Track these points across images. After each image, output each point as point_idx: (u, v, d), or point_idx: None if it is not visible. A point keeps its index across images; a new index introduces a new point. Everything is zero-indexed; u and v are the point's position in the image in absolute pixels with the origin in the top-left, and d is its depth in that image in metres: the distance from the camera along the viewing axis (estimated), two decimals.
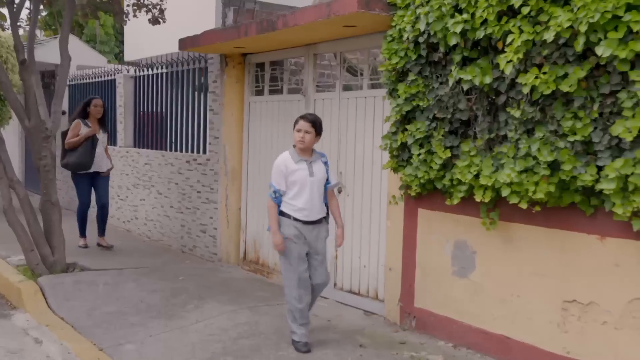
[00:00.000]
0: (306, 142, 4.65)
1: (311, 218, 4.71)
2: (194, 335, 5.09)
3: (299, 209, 4.67)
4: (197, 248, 8.25)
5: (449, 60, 4.70)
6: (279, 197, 4.72)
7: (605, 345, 3.98)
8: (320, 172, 4.73)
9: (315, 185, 4.69)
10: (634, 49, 3.49)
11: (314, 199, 4.69)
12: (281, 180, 4.70)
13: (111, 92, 10.50)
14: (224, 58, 7.61)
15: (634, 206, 3.57)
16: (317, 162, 4.76)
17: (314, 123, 4.67)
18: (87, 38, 21.72)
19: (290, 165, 4.67)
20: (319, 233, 4.79)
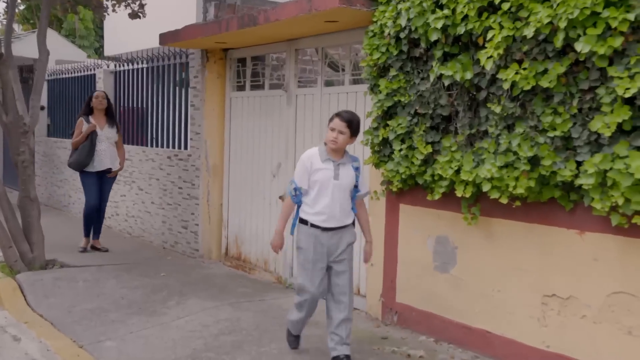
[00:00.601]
0: (339, 143, 4.17)
1: (330, 224, 4.23)
2: (175, 332, 5.07)
3: (316, 212, 4.23)
4: (179, 244, 8.21)
5: (430, 56, 4.71)
6: (298, 196, 4.29)
7: (584, 338, 4.02)
8: (348, 177, 4.26)
9: (338, 190, 4.21)
10: (612, 45, 3.51)
11: (334, 205, 4.21)
12: (304, 176, 4.26)
13: (91, 87, 10.39)
14: (205, 53, 7.57)
15: (613, 201, 3.60)
16: (347, 165, 4.28)
17: (351, 123, 4.18)
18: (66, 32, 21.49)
19: (316, 162, 4.24)
20: (342, 238, 4.28)
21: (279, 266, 6.81)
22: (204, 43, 7.11)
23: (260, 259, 7.12)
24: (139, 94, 9.21)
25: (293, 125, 6.58)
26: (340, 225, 4.26)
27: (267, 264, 7.01)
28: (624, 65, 3.52)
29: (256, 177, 7.17)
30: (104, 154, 7.79)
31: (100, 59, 10.93)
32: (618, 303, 3.84)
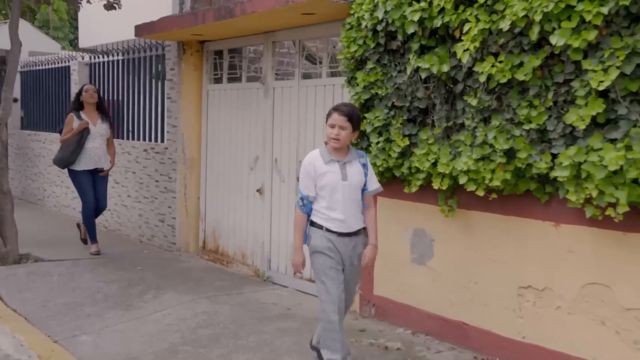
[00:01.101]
0: (341, 140, 3.81)
1: (346, 229, 3.89)
2: (152, 326, 5.03)
3: (330, 218, 3.88)
4: (156, 238, 8.15)
5: (407, 49, 4.71)
6: (307, 205, 3.92)
7: (559, 329, 4.06)
8: (357, 175, 3.91)
9: (349, 191, 3.86)
10: (586, 38, 3.54)
11: (347, 207, 3.87)
12: (310, 184, 3.90)
13: (65, 79, 10.27)
14: (182, 45, 7.50)
15: (587, 193, 3.63)
16: (353, 163, 3.92)
17: (351, 117, 3.81)
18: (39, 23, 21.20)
19: (320, 166, 3.87)
20: (356, 247, 3.96)
21: (256, 259, 6.79)
22: (180, 35, 7.05)
23: (238, 252, 7.10)
24: (114, 86, 9.11)
25: (270, 118, 6.55)
26: (354, 231, 3.93)
27: (245, 257, 6.99)
28: (598, 59, 3.55)
29: (234, 170, 7.14)
30: (96, 151, 7.32)
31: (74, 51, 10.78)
32: (592, 294, 3.88)
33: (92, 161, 7.31)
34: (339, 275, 3.91)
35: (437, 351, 4.57)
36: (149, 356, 4.41)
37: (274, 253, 6.59)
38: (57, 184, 10.48)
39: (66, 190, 10.16)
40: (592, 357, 3.89)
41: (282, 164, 6.44)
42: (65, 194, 10.20)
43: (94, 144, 7.29)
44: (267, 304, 5.69)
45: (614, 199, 3.51)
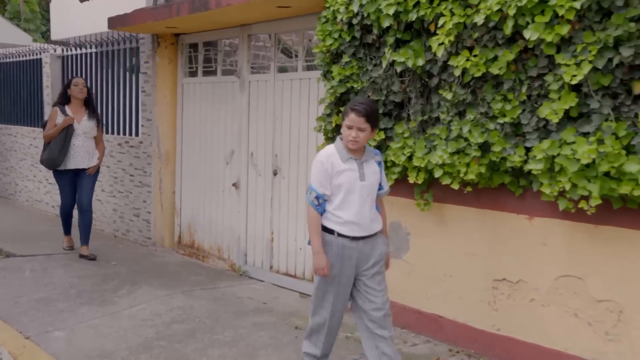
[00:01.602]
0: (360, 142, 3.52)
1: (360, 233, 3.59)
2: (127, 321, 4.99)
3: (344, 221, 3.56)
4: (131, 232, 8.08)
5: (382, 42, 4.71)
6: (322, 205, 3.60)
7: (533, 321, 4.10)
8: (374, 175, 3.63)
9: (367, 192, 3.59)
10: (559, 32, 3.57)
11: (364, 209, 3.58)
12: (326, 182, 3.57)
13: (37, 72, 10.11)
14: (156, 38, 7.43)
15: (560, 186, 3.67)
16: (370, 162, 3.64)
17: (369, 117, 3.49)
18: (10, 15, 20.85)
19: (337, 163, 3.56)
20: (374, 248, 3.64)
21: (232, 254, 6.76)
22: (154, 28, 6.98)
23: (214, 247, 7.06)
24: (88, 79, 8.97)
25: (246, 112, 6.52)
26: (370, 234, 3.63)
27: (221, 252, 6.96)
28: (570, 53, 3.58)
29: (209, 164, 7.10)
30: (79, 150, 6.83)
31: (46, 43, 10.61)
32: (565, 286, 3.93)
33: (74, 160, 6.81)
34: (346, 287, 3.63)
35: (412, 344, 4.59)
36: (124, 351, 4.37)
37: (250, 247, 6.57)
38: (29, 179, 10.33)
39: (38, 184, 10.02)
40: (564, 348, 3.93)
41: (258, 158, 6.41)
42: (38, 189, 10.06)
43: (76, 142, 6.79)
44: (243, 298, 5.68)
45: (587, 192, 3.55)
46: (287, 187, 6.09)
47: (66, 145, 6.71)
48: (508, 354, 4.23)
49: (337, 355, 4.33)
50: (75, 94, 6.85)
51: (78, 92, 6.86)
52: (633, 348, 3.63)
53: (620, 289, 3.68)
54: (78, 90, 6.86)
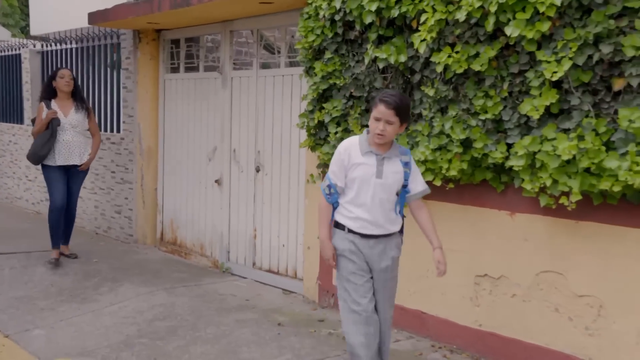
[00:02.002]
0: (387, 136, 3.32)
1: (371, 231, 3.42)
2: (108, 319, 4.96)
3: (354, 217, 3.42)
4: (112, 229, 8.02)
5: (364, 39, 4.71)
6: (334, 196, 3.47)
7: (514, 316, 4.13)
8: (395, 175, 3.41)
9: (380, 191, 3.38)
10: (540, 29, 3.58)
11: (375, 208, 3.39)
12: (340, 173, 3.43)
13: (16, 67, 10.00)
14: (137, 34, 7.37)
15: (541, 182, 3.69)
16: (394, 160, 3.42)
17: (398, 110, 3.28)
18: None
19: (355, 155, 3.40)
20: (386, 251, 3.47)
21: (215, 250, 6.74)
22: (135, 23, 6.92)
23: (197, 244, 7.03)
24: None
25: (229, 108, 6.49)
26: (384, 234, 3.45)
27: (204, 249, 6.93)
28: (551, 50, 3.60)
29: (192, 160, 7.06)
30: (69, 145, 6.42)
31: (26, 39, 10.49)
32: (546, 281, 3.95)
33: (63, 156, 6.40)
34: (366, 282, 3.45)
35: (395, 340, 4.60)
36: (105, 349, 4.34)
37: (232, 244, 6.54)
38: (8, 175, 10.22)
39: (18, 181, 9.92)
40: (545, 343, 3.96)
41: (241, 154, 6.39)
42: (17, 186, 9.96)
43: (65, 136, 6.39)
44: (225, 295, 5.66)
45: (567, 188, 3.57)
46: (269, 184, 6.07)
47: (52, 140, 6.32)
48: (490, 349, 4.26)
49: (320, 352, 4.33)
50: (61, 87, 6.47)
51: (64, 84, 6.48)
52: (613, 342, 3.66)
53: (600, 284, 3.71)
54: (64, 82, 6.48)
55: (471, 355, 4.33)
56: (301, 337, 4.61)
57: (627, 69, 3.34)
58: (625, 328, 3.61)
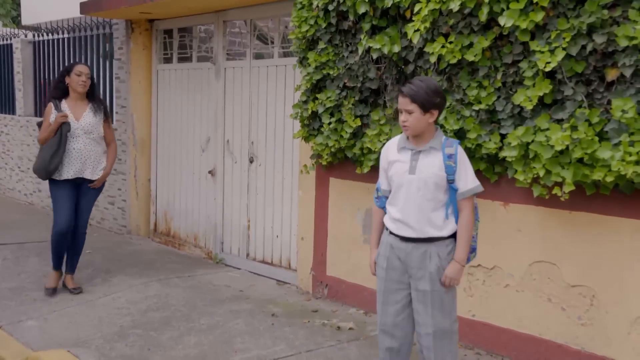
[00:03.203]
0: (411, 126, 3.07)
1: (406, 233, 3.15)
2: (101, 309, 4.95)
3: (392, 218, 3.21)
4: (105, 220, 8.00)
5: (358, 29, 4.69)
6: (382, 199, 3.32)
7: (507, 307, 4.14)
8: (430, 168, 3.09)
9: (416, 188, 3.09)
10: (534, 19, 3.58)
11: (409, 208, 3.11)
12: (382, 174, 3.28)
13: (8, 57, 9.93)
14: (130, 24, 7.33)
15: (534, 173, 3.69)
16: (432, 153, 3.11)
17: (414, 97, 3.03)
18: None
19: (392, 153, 3.21)
20: (425, 257, 3.13)
21: (209, 241, 6.73)
22: (127, 13, 6.87)
23: (190, 235, 7.02)
24: (60, 65, 8.83)
25: (222, 99, 6.47)
26: (421, 237, 3.12)
27: (197, 239, 6.92)
28: (545, 40, 3.60)
29: (185, 151, 7.04)
30: (81, 156, 5.27)
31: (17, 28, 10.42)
32: (539, 271, 3.97)
33: (74, 168, 5.25)
34: (399, 295, 3.21)
35: None
36: (98, 340, 4.34)
37: (226, 235, 6.54)
38: (0, 166, 10.17)
39: (10, 172, 9.87)
40: (538, 332, 3.98)
41: (234, 145, 6.38)
42: (10, 177, 9.91)
43: (76, 144, 5.25)
44: (219, 286, 5.66)
45: (560, 179, 3.58)
46: (263, 175, 6.06)
47: (61, 149, 5.18)
48: (483, 339, 4.27)
49: (314, 342, 4.34)
50: (75, 86, 5.30)
51: (79, 84, 5.30)
52: (605, 332, 3.68)
53: (592, 274, 3.72)
54: (80, 82, 5.30)
55: (464, 345, 4.35)
56: (295, 328, 4.62)
57: (620, 59, 3.34)
58: (617, 317, 3.63)
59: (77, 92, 5.32)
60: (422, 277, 3.12)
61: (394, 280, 3.20)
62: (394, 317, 3.22)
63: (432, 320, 3.11)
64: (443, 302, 3.12)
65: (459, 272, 3.12)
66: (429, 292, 3.11)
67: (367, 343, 4.37)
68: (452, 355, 3.14)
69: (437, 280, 3.11)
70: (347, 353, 4.20)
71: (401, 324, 3.22)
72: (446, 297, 3.13)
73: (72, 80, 5.30)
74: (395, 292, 3.20)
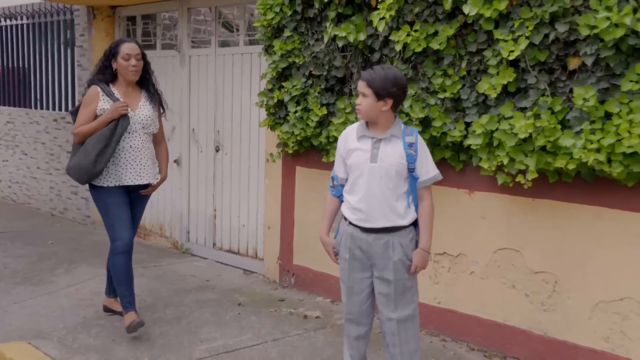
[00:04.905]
0: (362, 110, 3.04)
1: (367, 224, 3.08)
2: (64, 300, 4.87)
3: (352, 207, 3.13)
4: (69, 211, 7.87)
5: (324, 17, 4.67)
6: (337, 188, 3.24)
7: (472, 293, 4.18)
8: (392, 157, 3.03)
9: (378, 177, 3.04)
10: (497, 8, 3.60)
11: (372, 198, 3.05)
12: (339, 162, 3.20)
13: None
14: (92, 10, 7.19)
15: (498, 161, 3.73)
16: (393, 141, 3.05)
17: (370, 82, 2.99)
18: None
19: (351, 140, 3.13)
20: (388, 247, 3.08)
21: (175, 231, 6.67)
22: None
23: (156, 225, 6.94)
24: (20, 52, 8.64)
25: (187, 87, 6.39)
26: (383, 227, 3.08)
27: (163, 230, 6.85)
28: (508, 29, 3.62)
29: None
30: (137, 155, 4.23)
31: None
32: (503, 258, 4.01)
33: (132, 172, 4.21)
34: (364, 284, 3.18)
35: None
36: (61, 331, 4.27)
37: (192, 225, 6.48)
38: None
39: None
40: (502, 318, 4.03)
41: (200, 134, 6.31)
42: None
43: (133, 142, 4.20)
44: (185, 276, 5.61)
45: (524, 166, 3.61)
46: (229, 164, 6.02)
47: (111, 146, 4.06)
48: (448, 326, 4.31)
49: (280, 331, 4.34)
50: (126, 74, 4.19)
51: (131, 71, 4.19)
52: (566, 317, 3.74)
53: (555, 261, 3.78)
54: (131, 67, 4.18)
55: (430, 332, 4.39)
56: (261, 317, 4.60)
57: (582, 48, 3.38)
58: (579, 303, 3.69)
59: (129, 79, 4.23)
60: (385, 267, 3.09)
61: (357, 270, 3.17)
62: (360, 306, 3.21)
63: (396, 307, 3.11)
64: (405, 289, 3.12)
65: (426, 260, 3.14)
66: (392, 281, 3.08)
67: (334, 331, 4.38)
68: (415, 339, 3.17)
69: (401, 268, 3.09)
70: (314, 341, 4.20)
71: (366, 311, 3.22)
72: (408, 284, 3.13)
73: (121, 66, 4.18)
74: (359, 281, 3.18)
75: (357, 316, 3.23)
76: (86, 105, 4.14)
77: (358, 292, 3.20)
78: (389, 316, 3.13)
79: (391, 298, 3.11)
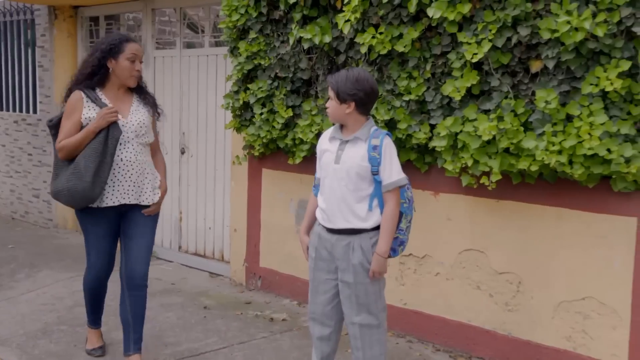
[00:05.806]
0: (329, 113, 3.07)
1: (331, 224, 3.07)
2: (25, 306, 4.77)
3: (319, 207, 3.17)
4: (30, 214, 7.72)
5: (289, 19, 4.66)
6: (317, 187, 3.24)
7: (437, 294, 4.21)
8: (355, 159, 2.99)
9: (339, 178, 3.02)
10: (461, 11, 3.63)
11: (332, 199, 3.05)
12: (317, 163, 3.21)
13: None
14: (53, 10, 7.07)
15: (463, 162, 3.76)
16: (358, 144, 3.01)
17: (333, 85, 3.00)
18: None
19: (323, 143, 3.16)
20: (348, 250, 3.04)
21: None
22: None
23: None
24: None
25: (151, 89, 6.30)
26: (344, 228, 3.04)
27: None
28: (472, 32, 3.65)
29: None
30: (131, 169, 3.56)
31: None
32: (468, 260, 4.05)
33: (123, 188, 3.54)
34: (328, 285, 3.16)
35: None
36: (20, 337, 4.18)
37: (158, 228, 6.39)
38: None
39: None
40: (467, 319, 4.06)
41: (165, 136, 6.24)
42: None
43: (124, 153, 3.53)
44: (150, 279, 5.46)
45: (488, 168, 3.65)
46: (195, 166, 5.97)
47: (106, 163, 3.42)
48: (414, 327, 4.33)
49: (246, 334, 4.31)
50: (126, 78, 3.57)
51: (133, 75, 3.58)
52: (530, 317, 3.79)
53: (519, 261, 3.82)
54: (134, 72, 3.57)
55: (396, 333, 4.40)
56: (227, 320, 4.57)
57: (543, 51, 3.43)
58: (542, 303, 3.74)
59: (127, 84, 3.60)
60: (345, 269, 3.05)
61: (322, 270, 3.16)
62: (323, 307, 3.19)
63: (357, 311, 3.07)
64: (368, 293, 3.06)
65: (383, 265, 3.03)
66: (352, 284, 3.04)
67: (300, 334, 4.36)
68: (379, 344, 3.14)
69: (361, 272, 3.02)
70: (280, 344, 4.18)
71: (330, 313, 3.19)
72: (371, 288, 3.06)
73: (121, 68, 3.52)
74: (324, 282, 3.16)
75: (320, 316, 3.22)
76: (69, 115, 3.54)
77: (322, 293, 3.19)
78: (352, 320, 3.10)
79: (352, 301, 3.07)
